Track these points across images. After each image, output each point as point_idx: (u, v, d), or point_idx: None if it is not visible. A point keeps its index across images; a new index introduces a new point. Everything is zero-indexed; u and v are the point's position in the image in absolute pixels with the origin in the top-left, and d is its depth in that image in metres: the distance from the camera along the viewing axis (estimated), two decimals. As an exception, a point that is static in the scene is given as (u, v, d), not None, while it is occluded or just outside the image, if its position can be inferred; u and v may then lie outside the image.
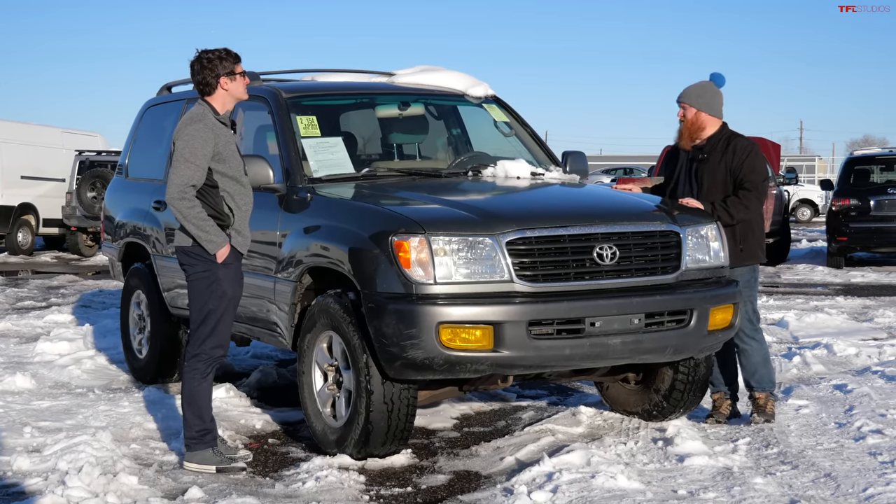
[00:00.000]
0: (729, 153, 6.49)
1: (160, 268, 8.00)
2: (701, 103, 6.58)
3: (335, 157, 6.82)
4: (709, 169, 6.53)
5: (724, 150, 6.51)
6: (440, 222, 5.66)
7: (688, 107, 6.60)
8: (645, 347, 5.82)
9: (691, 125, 6.59)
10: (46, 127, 23.54)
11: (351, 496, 5.39)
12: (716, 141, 6.57)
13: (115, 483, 5.40)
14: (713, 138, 6.58)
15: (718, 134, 6.59)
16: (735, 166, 6.46)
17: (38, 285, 16.08)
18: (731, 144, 6.52)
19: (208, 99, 5.87)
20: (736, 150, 6.49)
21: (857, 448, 5.94)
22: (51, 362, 8.91)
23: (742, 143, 6.53)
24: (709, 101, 6.59)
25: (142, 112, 8.96)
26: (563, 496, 5.16)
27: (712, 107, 6.60)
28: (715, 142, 6.56)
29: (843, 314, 11.92)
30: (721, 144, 6.54)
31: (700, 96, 6.59)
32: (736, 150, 6.49)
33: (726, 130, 6.62)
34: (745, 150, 6.49)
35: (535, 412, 7.24)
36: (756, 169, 6.47)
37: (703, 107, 6.58)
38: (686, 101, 6.61)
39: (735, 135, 6.60)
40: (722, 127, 6.62)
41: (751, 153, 6.48)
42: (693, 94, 6.61)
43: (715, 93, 6.64)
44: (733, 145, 6.51)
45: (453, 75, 7.80)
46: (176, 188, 5.69)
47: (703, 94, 6.60)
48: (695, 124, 6.58)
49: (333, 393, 6.09)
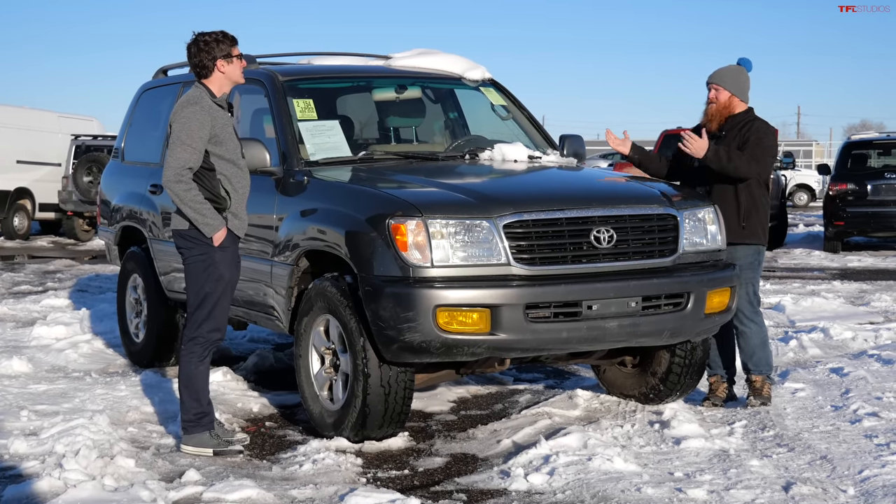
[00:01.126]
0: (745, 131, 6.49)
1: (156, 251, 7.99)
2: (735, 87, 6.56)
3: (332, 141, 6.80)
4: (724, 143, 6.50)
5: (741, 130, 6.50)
6: (437, 205, 5.65)
7: (721, 89, 6.56)
8: (642, 330, 5.83)
9: (723, 108, 6.57)
10: (43, 111, 23.49)
11: (348, 479, 5.40)
12: (738, 122, 6.55)
13: (112, 466, 5.41)
14: (735, 118, 6.56)
15: (742, 116, 6.57)
16: (747, 137, 6.45)
17: (34, 270, 16.07)
18: (749, 124, 6.51)
19: (205, 82, 5.85)
20: (752, 128, 6.50)
21: (853, 431, 5.95)
22: (47, 346, 8.91)
23: (761, 124, 6.54)
24: (742, 86, 6.60)
25: (137, 96, 8.94)
26: (560, 478, 5.17)
27: (744, 91, 6.61)
28: (736, 122, 6.55)
29: (840, 298, 11.94)
30: (740, 125, 6.52)
31: (735, 80, 6.57)
32: (752, 128, 6.49)
33: (751, 114, 6.60)
34: (763, 128, 6.51)
35: (532, 395, 7.25)
36: (764, 139, 6.45)
37: (737, 91, 6.56)
38: (720, 84, 6.57)
39: (757, 119, 6.59)
40: (748, 111, 6.61)
41: (765, 128, 6.50)
42: (728, 77, 6.57)
43: (746, 77, 6.64)
44: (750, 125, 6.51)
45: (450, 58, 7.78)
46: (172, 171, 5.68)
47: (738, 78, 6.59)
48: (727, 108, 6.57)
49: (330, 376, 6.09)
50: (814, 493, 4.90)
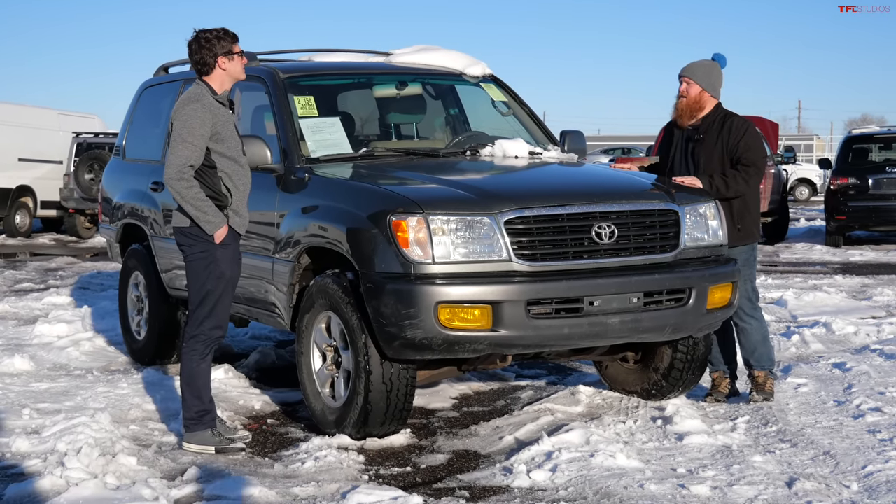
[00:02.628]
0: (725, 132, 6.50)
1: (158, 249, 7.98)
2: (707, 83, 6.58)
3: (333, 137, 6.79)
4: (705, 149, 6.53)
5: (720, 130, 6.52)
6: (438, 201, 5.64)
7: (692, 83, 6.57)
8: (644, 326, 5.82)
9: (694, 103, 6.58)
10: (44, 109, 23.49)
11: (350, 476, 5.39)
12: (711, 121, 6.57)
13: (114, 464, 5.40)
14: (708, 118, 6.59)
15: (713, 114, 6.59)
16: (731, 145, 6.48)
17: (36, 267, 16.06)
18: (727, 124, 6.53)
19: (206, 79, 5.84)
20: (732, 129, 6.50)
21: (856, 426, 5.95)
22: (49, 344, 8.90)
23: (738, 122, 6.54)
24: (714, 82, 6.62)
25: (139, 93, 8.93)
26: (563, 475, 5.16)
27: (715, 88, 6.63)
28: (710, 121, 6.57)
29: (842, 293, 11.93)
30: (716, 125, 6.55)
31: (708, 75, 6.58)
32: (732, 130, 6.50)
33: (721, 110, 6.62)
34: (741, 128, 6.51)
35: (534, 392, 7.24)
36: (752, 146, 6.49)
37: (708, 87, 6.58)
38: (692, 78, 6.58)
39: (730, 114, 6.61)
40: (716, 107, 6.62)
41: (747, 131, 6.50)
42: (700, 72, 6.58)
43: (719, 74, 6.66)
44: (728, 124, 6.52)
45: (451, 55, 7.77)
46: (174, 168, 5.68)
47: (711, 73, 6.60)
48: (697, 103, 6.58)
49: (332, 373, 6.09)
50: (817, 489, 4.89)
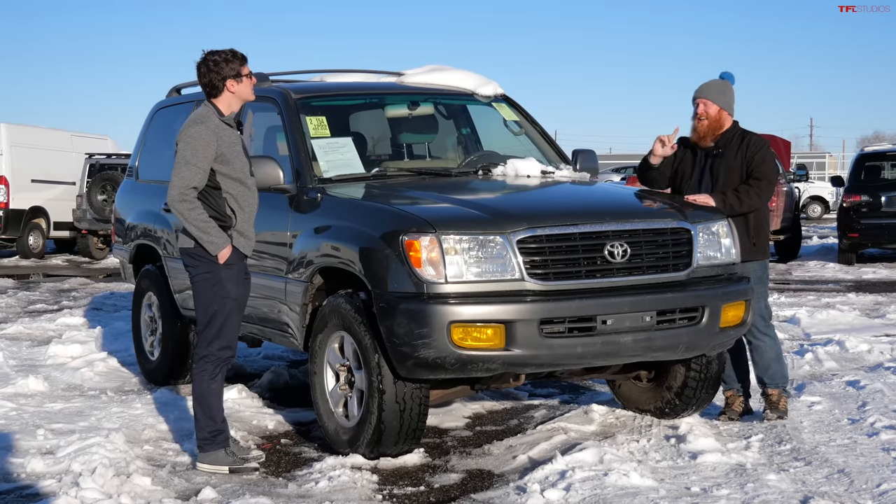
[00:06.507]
0: (744, 148, 6.58)
1: (171, 269, 8.01)
2: (723, 101, 6.65)
3: (345, 158, 6.82)
4: (725, 164, 6.58)
5: (739, 146, 6.59)
6: (451, 221, 5.65)
7: (710, 103, 6.62)
8: (657, 345, 5.81)
9: (714, 122, 6.63)
10: (56, 130, 23.59)
11: (364, 496, 5.39)
12: (730, 137, 6.64)
13: (129, 484, 5.41)
14: (727, 134, 6.64)
15: (732, 130, 6.66)
16: (748, 159, 6.53)
17: (49, 288, 16.12)
18: (745, 140, 6.60)
19: (214, 101, 5.87)
20: (750, 144, 6.59)
21: (871, 444, 5.93)
22: (63, 365, 8.93)
23: (756, 139, 6.65)
24: (729, 100, 6.70)
25: (151, 114, 8.98)
26: (576, 494, 5.15)
27: (730, 105, 6.71)
28: (729, 138, 6.64)
29: (855, 310, 11.89)
30: (735, 140, 6.62)
31: (723, 94, 6.66)
32: (750, 145, 6.58)
33: (738, 128, 6.68)
34: (759, 144, 6.62)
35: (548, 410, 7.23)
36: (766, 160, 6.57)
37: (724, 105, 6.65)
38: (709, 98, 6.63)
39: (747, 132, 6.67)
40: (734, 125, 6.68)
41: (763, 147, 6.61)
42: (715, 92, 6.65)
43: (732, 91, 6.75)
44: (747, 140, 6.60)
45: (463, 74, 7.80)
46: (177, 190, 5.70)
47: (725, 92, 6.68)
48: (718, 122, 6.64)
49: (345, 393, 6.09)
50: (832, 508, 4.88)
